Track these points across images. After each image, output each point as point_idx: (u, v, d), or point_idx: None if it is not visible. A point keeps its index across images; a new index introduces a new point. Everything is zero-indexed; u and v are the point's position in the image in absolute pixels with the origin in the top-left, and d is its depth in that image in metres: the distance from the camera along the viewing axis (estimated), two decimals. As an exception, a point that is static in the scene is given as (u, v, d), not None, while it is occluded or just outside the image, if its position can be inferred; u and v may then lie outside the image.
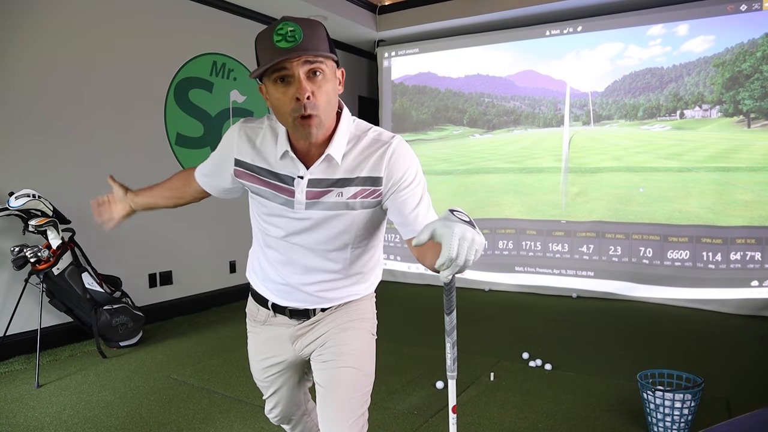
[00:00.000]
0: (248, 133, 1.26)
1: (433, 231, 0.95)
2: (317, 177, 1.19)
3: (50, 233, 3.24)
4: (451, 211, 0.98)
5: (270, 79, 1.09)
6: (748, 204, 4.33)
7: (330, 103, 1.12)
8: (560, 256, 5.08)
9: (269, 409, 1.57)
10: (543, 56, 5.18)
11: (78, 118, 3.65)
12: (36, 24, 3.41)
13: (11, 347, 3.27)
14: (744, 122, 4.38)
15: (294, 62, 1.05)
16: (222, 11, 4.66)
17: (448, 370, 1.22)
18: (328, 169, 1.19)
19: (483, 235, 0.98)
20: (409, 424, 2.40)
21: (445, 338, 1.19)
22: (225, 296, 4.71)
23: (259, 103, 5.00)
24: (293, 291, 1.34)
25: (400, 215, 1.19)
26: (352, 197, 1.19)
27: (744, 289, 4.29)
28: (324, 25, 1.12)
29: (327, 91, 1.10)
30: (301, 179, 1.19)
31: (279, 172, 1.22)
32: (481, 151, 5.59)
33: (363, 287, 1.41)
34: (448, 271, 0.95)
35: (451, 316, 1.14)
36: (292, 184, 1.20)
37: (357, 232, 1.26)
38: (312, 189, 1.20)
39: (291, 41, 1.04)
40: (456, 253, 0.91)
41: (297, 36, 1.04)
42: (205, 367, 3.16)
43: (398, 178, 1.18)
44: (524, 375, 2.98)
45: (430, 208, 1.22)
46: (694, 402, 2.13)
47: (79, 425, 2.41)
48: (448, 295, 1.10)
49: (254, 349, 1.49)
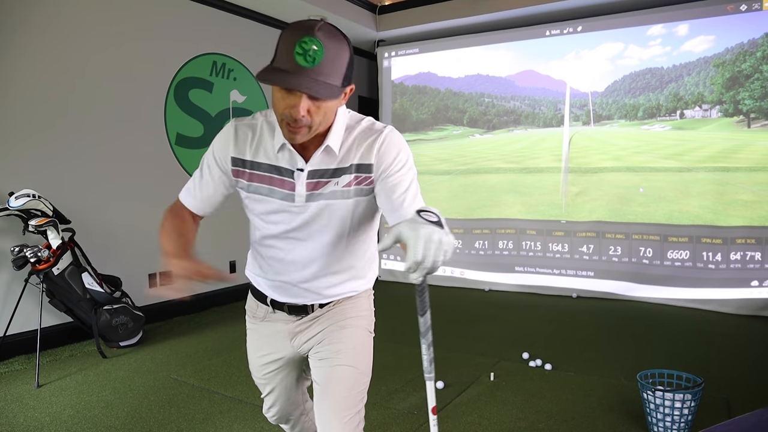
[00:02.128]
0: (244, 130, 1.26)
1: (398, 234, 0.94)
2: (316, 168, 1.20)
3: (50, 233, 3.24)
4: (419, 212, 0.97)
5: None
6: (748, 204, 4.33)
7: (325, 117, 1.12)
8: (560, 256, 5.08)
9: (267, 408, 1.57)
10: (543, 56, 5.18)
11: (78, 118, 3.65)
12: (36, 24, 3.41)
13: (11, 347, 3.27)
14: (744, 122, 4.38)
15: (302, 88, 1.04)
16: (222, 11, 4.66)
17: (425, 372, 1.21)
18: (325, 159, 1.20)
19: (453, 235, 0.97)
20: (409, 424, 2.40)
21: (420, 340, 1.17)
22: (225, 296, 4.71)
23: (259, 103, 5.00)
24: (291, 287, 1.35)
25: (388, 200, 1.19)
26: (346, 185, 1.21)
27: (744, 289, 4.29)
28: (350, 50, 1.10)
29: (325, 111, 1.11)
30: (301, 172, 1.21)
31: (279, 165, 1.22)
32: (481, 151, 5.59)
33: (360, 283, 1.41)
34: (416, 273, 0.93)
35: (425, 317, 1.12)
36: (293, 177, 1.21)
37: (353, 221, 1.27)
38: (311, 180, 1.21)
39: (309, 61, 1.02)
40: (422, 256, 0.90)
41: (318, 58, 1.02)
42: (205, 367, 3.16)
43: (388, 163, 1.19)
44: (524, 375, 2.98)
45: (418, 196, 1.21)
46: (694, 402, 2.13)
47: (79, 425, 2.41)
48: (421, 296, 1.08)
49: (253, 346, 1.49)
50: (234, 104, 4.83)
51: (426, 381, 1.22)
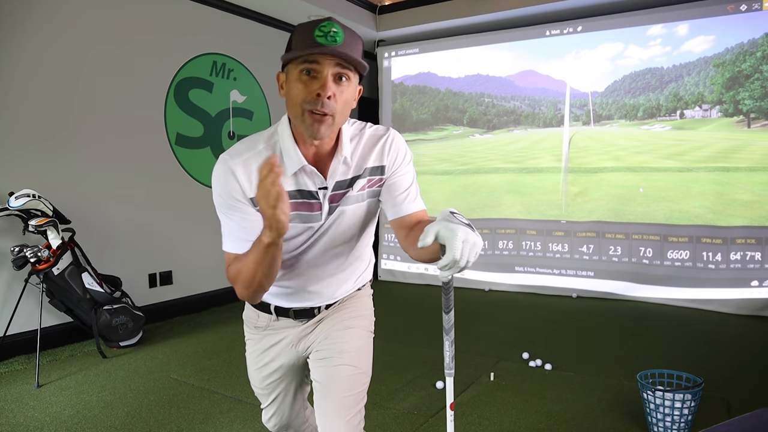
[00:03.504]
0: (247, 164, 1.16)
1: (437, 233, 0.99)
2: (336, 181, 1.21)
3: (50, 233, 3.24)
4: (452, 213, 1.01)
5: (296, 68, 1.08)
6: (748, 204, 4.33)
7: (345, 109, 1.13)
8: (560, 256, 5.08)
9: (267, 418, 1.54)
10: (543, 56, 5.18)
11: (78, 117, 3.65)
12: (35, 24, 3.41)
13: (11, 347, 3.27)
14: (744, 122, 4.38)
15: (328, 60, 1.06)
16: (222, 11, 4.66)
17: (446, 368, 1.24)
18: (343, 171, 1.21)
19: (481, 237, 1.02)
20: (409, 424, 2.40)
21: (443, 336, 1.20)
22: (225, 296, 4.71)
23: (259, 103, 5.00)
24: (299, 292, 1.34)
25: (391, 196, 1.25)
26: (361, 189, 1.24)
27: (744, 289, 4.29)
28: (363, 41, 1.15)
29: (346, 98, 1.12)
30: (326, 190, 1.20)
31: (300, 188, 1.18)
32: (481, 151, 5.59)
33: (362, 281, 1.43)
34: (450, 271, 0.99)
35: (450, 314, 1.15)
36: (317, 197, 1.20)
37: (363, 222, 1.30)
38: (333, 193, 1.21)
39: (331, 41, 1.04)
40: (460, 255, 0.96)
41: (338, 38, 1.05)
42: (205, 367, 3.16)
43: (398, 163, 1.26)
44: (524, 375, 2.98)
45: (418, 196, 1.28)
46: (694, 402, 2.13)
47: (79, 425, 2.41)
48: (447, 294, 1.13)
49: (253, 358, 1.46)
50: (234, 104, 4.83)
51: (446, 377, 1.24)
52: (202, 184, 4.55)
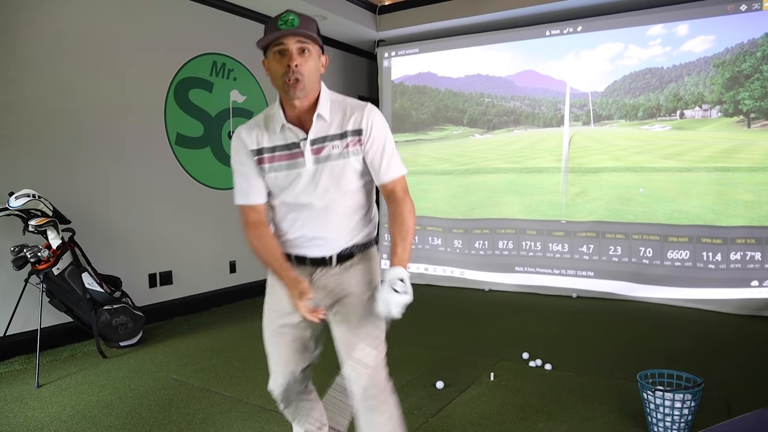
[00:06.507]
0: (248, 130, 1.58)
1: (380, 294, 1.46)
2: (315, 137, 1.51)
3: (50, 233, 3.24)
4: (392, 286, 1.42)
5: (271, 52, 1.44)
6: (748, 204, 4.33)
7: (312, 74, 1.45)
8: (560, 256, 5.08)
9: (272, 381, 1.70)
10: (543, 56, 5.18)
11: (78, 117, 3.66)
12: (35, 24, 3.41)
13: (11, 347, 3.27)
14: (744, 122, 4.38)
15: (289, 39, 1.41)
16: (222, 11, 4.67)
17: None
18: (321, 128, 1.52)
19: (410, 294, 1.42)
20: (409, 424, 2.39)
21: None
22: (225, 296, 4.71)
23: (259, 103, 5.00)
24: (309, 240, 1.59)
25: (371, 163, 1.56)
26: (345, 147, 1.53)
27: (744, 289, 4.29)
28: (317, 23, 1.49)
29: (311, 66, 1.45)
30: (305, 140, 1.51)
31: (287, 142, 1.53)
32: (481, 151, 5.59)
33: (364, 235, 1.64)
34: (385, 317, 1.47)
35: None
36: (300, 147, 1.52)
37: (349, 175, 1.56)
38: (314, 147, 1.52)
39: (290, 25, 1.40)
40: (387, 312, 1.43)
41: (295, 23, 1.41)
42: (205, 367, 3.16)
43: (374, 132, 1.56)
44: (524, 375, 2.98)
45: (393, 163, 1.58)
46: (694, 402, 2.13)
47: (79, 425, 2.41)
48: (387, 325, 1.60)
49: (273, 297, 1.67)
50: (234, 104, 4.83)
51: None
52: (202, 183, 4.56)
